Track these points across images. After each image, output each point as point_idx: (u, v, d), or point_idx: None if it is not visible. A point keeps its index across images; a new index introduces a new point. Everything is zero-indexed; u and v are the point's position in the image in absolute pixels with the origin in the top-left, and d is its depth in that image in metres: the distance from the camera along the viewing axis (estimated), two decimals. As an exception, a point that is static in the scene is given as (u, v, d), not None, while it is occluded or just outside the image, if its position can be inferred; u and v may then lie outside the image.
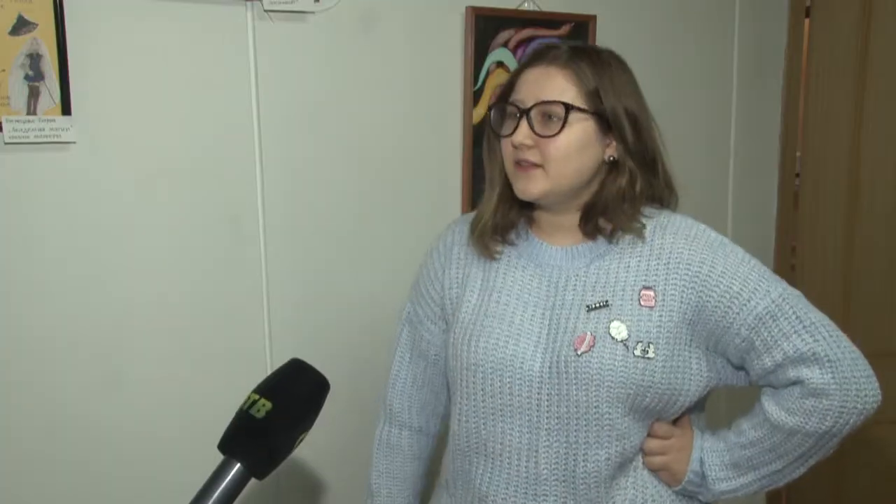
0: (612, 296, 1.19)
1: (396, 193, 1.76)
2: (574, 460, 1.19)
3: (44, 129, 1.40)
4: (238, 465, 0.79)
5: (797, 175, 2.24)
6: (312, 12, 1.60)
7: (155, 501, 1.56)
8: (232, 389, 1.02)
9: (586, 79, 1.19)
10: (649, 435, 1.22)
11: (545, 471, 1.20)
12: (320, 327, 1.70)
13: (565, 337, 1.19)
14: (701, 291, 1.18)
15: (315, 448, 1.58)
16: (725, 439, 1.23)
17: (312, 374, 0.89)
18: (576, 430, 1.18)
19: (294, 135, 1.63)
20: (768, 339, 1.16)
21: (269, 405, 0.82)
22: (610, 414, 1.17)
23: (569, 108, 1.17)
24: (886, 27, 2.15)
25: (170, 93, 1.51)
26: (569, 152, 1.18)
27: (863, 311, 2.26)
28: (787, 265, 2.28)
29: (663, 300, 1.18)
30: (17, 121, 1.38)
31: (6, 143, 1.38)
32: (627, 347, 1.16)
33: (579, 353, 1.17)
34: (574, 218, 1.24)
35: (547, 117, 1.18)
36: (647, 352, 1.16)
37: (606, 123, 1.19)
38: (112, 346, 1.52)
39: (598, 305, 1.19)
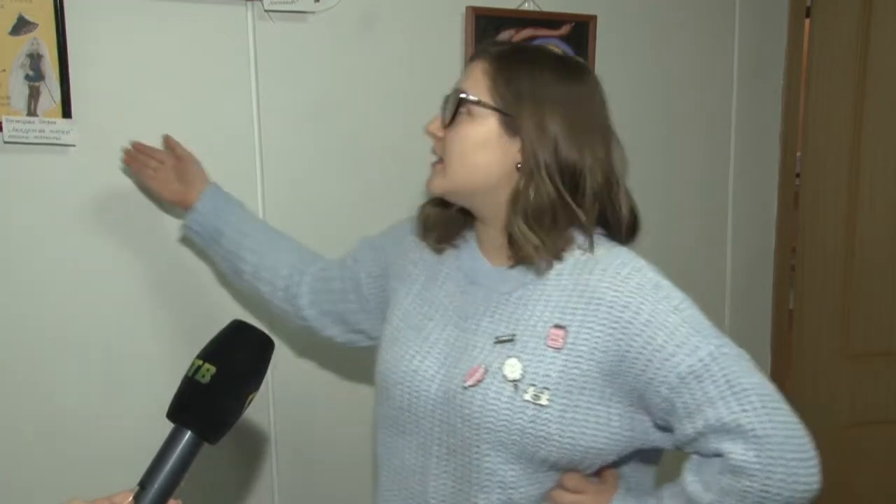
0: (522, 330, 1.07)
1: (396, 193, 1.75)
2: (458, 496, 1.09)
3: (44, 131, 1.40)
4: (189, 432, 0.80)
5: (797, 175, 2.24)
6: (312, 12, 1.60)
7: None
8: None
9: (502, 75, 1.07)
10: (560, 485, 1.10)
11: (433, 500, 1.12)
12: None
13: (462, 365, 1.09)
14: (620, 339, 1.03)
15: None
16: None
17: (255, 334, 0.88)
18: (461, 466, 1.09)
19: (294, 134, 1.63)
20: (690, 403, 1.00)
21: (213, 369, 0.82)
22: (491, 458, 1.06)
23: (462, 99, 1.08)
24: (886, 27, 2.15)
25: (170, 93, 1.51)
26: (463, 147, 1.09)
27: (863, 311, 2.26)
28: (787, 265, 2.28)
29: (574, 343, 1.04)
30: (18, 121, 1.38)
31: (6, 143, 1.38)
32: (517, 389, 1.04)
33: (466, 385, 1.07)
34: (502, 235, 1.12)
35: (455, 110, 1.10)
36: (540, 398, 1.03)
37: (515, 125, 1.07)
38: (113, 346, 1.52)
39: (505, 339, 1.08)
